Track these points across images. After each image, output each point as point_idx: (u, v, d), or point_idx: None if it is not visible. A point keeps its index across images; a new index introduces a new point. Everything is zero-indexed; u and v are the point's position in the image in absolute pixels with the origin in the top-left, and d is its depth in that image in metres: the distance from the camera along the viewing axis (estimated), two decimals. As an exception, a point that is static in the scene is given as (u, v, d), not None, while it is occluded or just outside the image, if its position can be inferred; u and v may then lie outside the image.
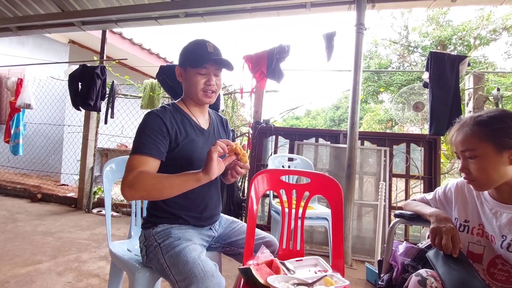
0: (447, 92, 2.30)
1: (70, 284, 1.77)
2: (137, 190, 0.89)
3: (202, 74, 1.05)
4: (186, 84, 1.09)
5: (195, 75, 1.05)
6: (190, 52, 1.07)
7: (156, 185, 0.89)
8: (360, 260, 2.43)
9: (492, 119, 0.83)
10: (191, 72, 1.05)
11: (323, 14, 2.78)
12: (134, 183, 0.89)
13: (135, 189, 0.89)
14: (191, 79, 1.05)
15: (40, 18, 3.41)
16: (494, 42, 9.82)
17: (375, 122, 11.31)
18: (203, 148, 1.10)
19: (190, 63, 1.05)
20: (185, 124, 1.07)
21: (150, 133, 0.97)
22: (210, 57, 1.03)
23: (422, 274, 0.81)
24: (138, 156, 0.94)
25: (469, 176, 0.86)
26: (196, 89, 1.06)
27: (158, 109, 1.04)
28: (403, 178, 2.78)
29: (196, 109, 1.14)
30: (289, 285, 0.90)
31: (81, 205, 3.57)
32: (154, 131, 0.97)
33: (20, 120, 4.17)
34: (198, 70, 1.04)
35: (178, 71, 1.11)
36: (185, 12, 2.92)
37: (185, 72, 1.07)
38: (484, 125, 0.82)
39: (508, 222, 0.83)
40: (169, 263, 0.94)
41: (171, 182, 0.89)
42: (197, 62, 1.04)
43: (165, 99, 3.48)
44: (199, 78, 1.05)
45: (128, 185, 0.89)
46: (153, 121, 0.99)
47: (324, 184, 1.27)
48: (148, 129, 0.97)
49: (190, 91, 1.09)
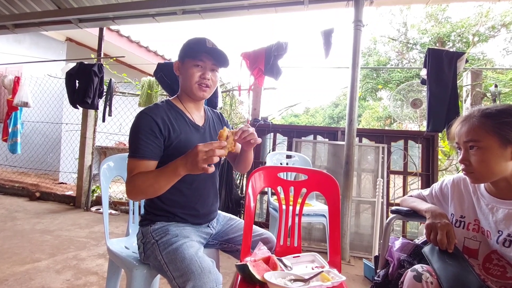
0: (445, 89, 2.30)
1: (68, 281, 1.77)
2: (136, 192, 0.94)
3: (198, 66, 1.06)
4: (182, 77, 1.10)
5: (191, 67, 1.05)
6: (189, 45, 1.09)
7: (148, 184, 0.92)
8: (358, 256, 2.45)
9: (500, 112, 0.83)
10: (188, 64, 1.06)
11: (321, 10, 2.77)
12: (132, 187, 0.94)
13: (134, 192, 0.94)
14: (187, 71, 1.06)
15: (36, 16, 3.38)
16: (493, 39, 9.83)
17: (374, 119, 11.33)
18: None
19: (188, 54, 1.06)
20: (179, 121, 1.07)
21: (142, 135, 0.97)
22: (208, 48, 1.05)
23: (417, 269, 0.82)
24: (134, 160, 0.97)
25: (468, 168, 0.85)
26: (191, 82, 1.06)
27: (150, 108, 1.03)
28: (401, 175, 2.79)
29: (191, 105, 1.14)
30: (286, 281, 0.91)
31: (80, 203, 3.57)
32: (146, 133, 0.98)
33: (18, 119, 4.14)
34: (195, 62, 1.05)
35: (176, 65, 1.11)
36: (183, 9, 2.91)
37: (182, 64, 1.08)
38: (492, 117, 0.82)
39: (504, 218, 0.84)
40: (166, 260, 0.94)
41: (157, 178, 0.92)
42: (194, 52, 1.05)
43: (163, 97, 3.47)
44: (194, 70, 1.05)
45: (129, 190, 0.95)
46: (145, 122, 0.99)
47: (321, 181, 1.28)
48: (141, 131, 0.98)
49: (185, 84, 1.09)
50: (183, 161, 0.87)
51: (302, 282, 0.91)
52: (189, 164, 0.86)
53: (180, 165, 0.88)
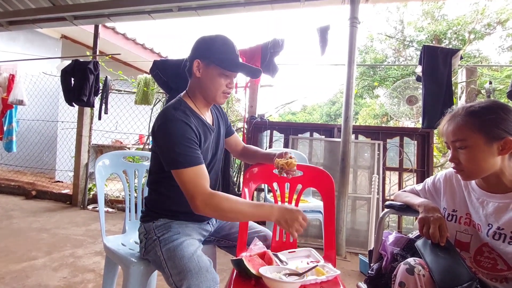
0: (440, 86, 2.32)
1: (65, 279, 1.78)
2: (214, 210, 0.91)
3: (227, 76, 1.02)
4: (204, 81, 1.03)
5: (219, 75, 1.01)
6: (220, 51, 1.01)
7: (232, 212, 0.92)
8: (354, 252, 2.47)
9: (483, 109, 0.83)
10: (216, 71, 1.00)
11: (317, 8, 2.77)
12: (212, 205, 0.91)
13: (212, 210, 0.91)
14: (214, 78, 1.01)
15: (31, 13, 3.34)
16: (489, 36, 9.87)
17: (371, 117, 11.37)
18: (211, 147, 1.12)
19: (220, 62, 0.99)
20: (201, 126, 1.04)
21: (187, 142, 0.94)
22: (242, 64, 1.03)
23: (410, 262, 0.83)
24: (190, 169, 0.92)
25: (458, 166, 0.87)
26: (216, 90, 1.03)
27: (181, 115, 0.97)
28: (396, 171, 2.81)
29: (204, 106, 1.11)
30: (281, 275, 0.92)
31: (76, 201, 3.56)
32: (189, 140, 0.94)
33: (13, 117, 4.11)
34: (226, 72, 1.01)
35: (196, 64, 1.02)
36: (179, 6, 2.89)
37: (207, 68, 1.01)
38: (476, 115, 0.83)
39: (494, 211, 0.85)
40: (166, 256, 0.95)
41: (246, 212, 0.92)
42: (230, 65, 1.00)
43: (159, 95, 3.46)
44: (222, 80, 1.02)
45: (206, 205, 0.91)
46: (184, 128, 0.95)
47: (316, 177, 1.29)
48: (183, 139, 0.94)
49: (207, 90, 1.04)
50: (281, 210, 0.91)
51: (297, 276, 0.92)
52: (283, 220, 0.90)
53: (277, 212, 0.91)
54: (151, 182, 1.12)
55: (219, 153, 1.19)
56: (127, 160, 1.46)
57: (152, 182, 1.12)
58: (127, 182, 1.38)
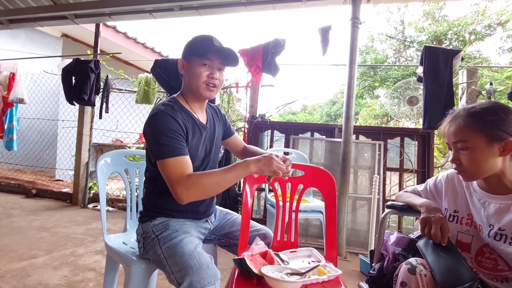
0: (441, 86, 2.32)
1: (66, 278, 1.78)
2: (196, 190, 0.91)
3: (205, 65, 1.03)
4: (188, 77, 1.07)
5: (198, 66, 1.03)
6: (195, 44, 1.05)
7: (213, 182, 0.93)
8: (354, 252, 2.47)
9: (485, 111, 0.84)
10: (195, 63, 1.03)
11: (319, 8, 2.77)
12: (191, 185, 0.91)
13: (193, 190, 0.91)
14: (194, 70, 1.03)
15: (31, 11, 3.34)
16: (489, 37, 9.87)
17: (371, 117, 11.37)
18: (203, 145, 1.11)
19: (195, 53, 1.03)
20: (190, 122, 1.06)
21: (171, 134, 0.95)
22: (216, 48, 1.03)
23: (412, 262, 0.83)
24: (173, 159, 0.93)
25: (459, 167, 0.87)
26: (198, 82, 1.04)
27: (168, 109, 0.99)
28: (397, 171, 2.81)
29: (197, 104, 1.12)
30: (283, 275, 0.92)
31: (77, 200, 3.56)
32: (173, 131, 0.95)
33: (13, 115, 4.11)
34: (202, 61, 1.03)
35: (181, 63, 1.08)
36: (180, 6, 2.89)
37: (188, 63, 1.05)
38: (477, 116, 0.83)
39: (495, 212, 0.86)
40: (166, 254, 0.95)
41: (225, 177, 0.94)
42: (202, 52, 1.02)
43: (160, 94, 3.45)
44: (202, 70, 1.03)
45: (186, 188, 0.90)
46: (168, 121, 0.96)
47: (317, 177, 1.29)
48: (167, 130, 0.95)
49: (191, 84, 1.06)
50: (255, 160, 0.94)
51: (299, 276, 0.92)
52: (261, 164, 0.93)
53: (252, 163, 0.93)
54: (146, 181, 1.13)
55: (214, 152, 1.19)
56: (128, 159, 1.46)
57: (147, 180, 1.12)
58: (129, 181, 1.38)
